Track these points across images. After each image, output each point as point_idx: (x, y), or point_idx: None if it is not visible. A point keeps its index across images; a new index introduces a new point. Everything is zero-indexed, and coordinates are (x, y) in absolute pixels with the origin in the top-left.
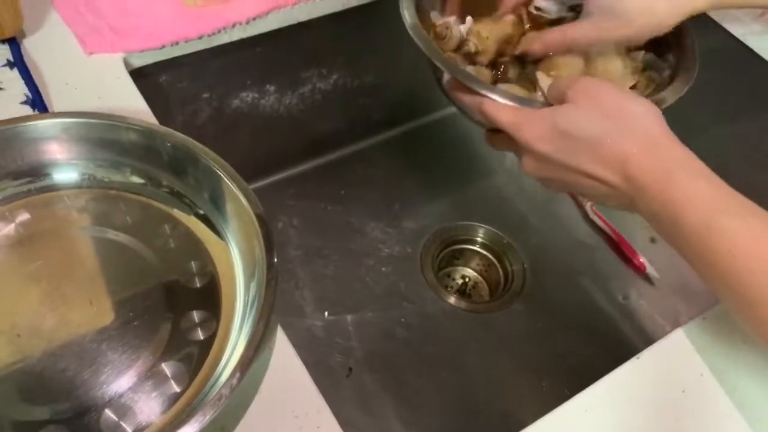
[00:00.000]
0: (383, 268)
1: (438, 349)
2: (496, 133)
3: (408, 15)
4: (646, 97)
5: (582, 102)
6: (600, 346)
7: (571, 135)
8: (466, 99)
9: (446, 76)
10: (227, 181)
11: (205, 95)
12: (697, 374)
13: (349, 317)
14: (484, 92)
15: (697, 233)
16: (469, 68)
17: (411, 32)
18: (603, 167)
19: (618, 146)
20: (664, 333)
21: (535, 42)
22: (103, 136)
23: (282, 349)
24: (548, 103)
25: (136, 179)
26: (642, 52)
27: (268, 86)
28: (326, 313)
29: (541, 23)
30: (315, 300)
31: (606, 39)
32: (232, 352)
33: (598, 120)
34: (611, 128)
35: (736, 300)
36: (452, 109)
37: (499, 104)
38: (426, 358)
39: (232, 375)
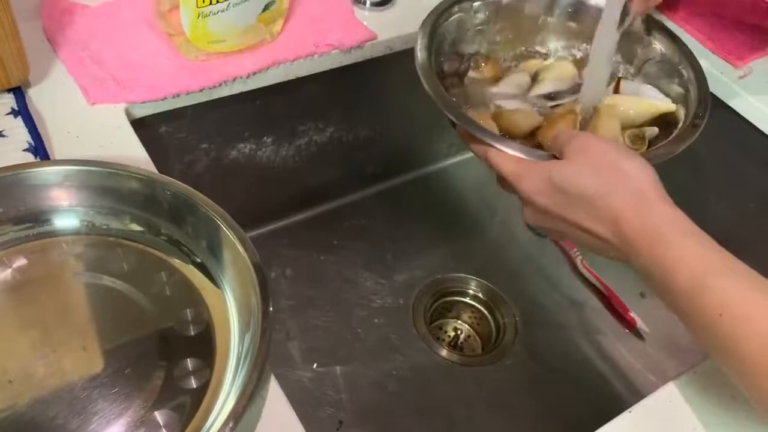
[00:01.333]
0: (375, 320)
1: (429, 402)
2: (504, 179)
3: (420, 55)
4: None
5: (577, 158)
6: (590, 400)
7: (566, 191)
8: (474, 146)
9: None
10: (225, 230)
11: (204, 145)
12: (689, 428)
13: (340, 369)
14: (489, 141)
15: (686, 293)
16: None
17: (423, 79)
18: (595, 223)
19: (609, 204)
20: (653, 388)
21: None
22: (104, 183)
23: (275, 399)
24: (552, 154)
25: (135, 227)
26: (654, 129)
27: (265, 138)
28: (315, 365)
29: None
30: (306, 351)
31: None
32: (224, 402)
33: (591, 177)
34: (603, 186)
35: (728, 360)
36: (445, 162)
37: (503, 154)
38: (417, 411)
39: (225, 425)
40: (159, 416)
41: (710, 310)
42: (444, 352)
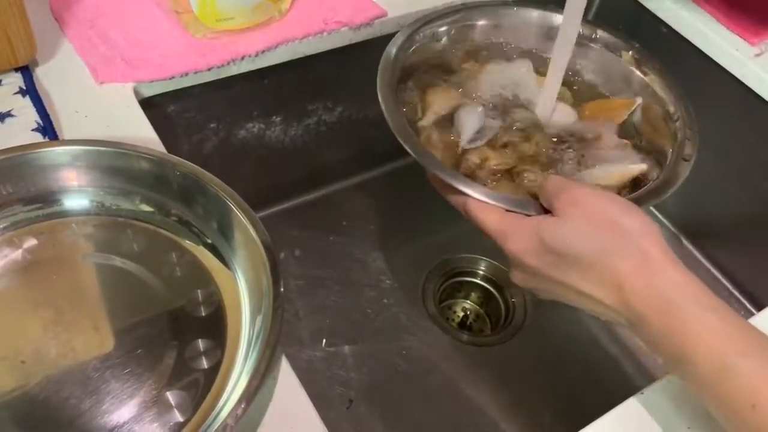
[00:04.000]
0: (385, 300)
1: (438, 382)
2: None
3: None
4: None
5: (569, 214)
6: (600, 381)
7: (559, 252)
8: (450, 197)
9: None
10: (236, 210)
11: (212, 125)
12: (701, 410)
13: (349, 348)
14: (467, 191)
15: (711, 376)
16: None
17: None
18: (596, 287)
19: (611, 266)
20: (663, 371)
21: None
22: (114, 163)
23: (285, 379)
24: (539, 204)
25: (146, 207)
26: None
27: (274, 117)
28: (324, 342)
29: None
30: (315, 331)
31: None
32: (236, 382)
33: (587, 236)
34: (602, 246)
35: None
36: None
37: (485, 206)
38: (426, 390)
39: (237, 405)
40: (171, 396)
41: (740, 399)
42: (453, 332)
